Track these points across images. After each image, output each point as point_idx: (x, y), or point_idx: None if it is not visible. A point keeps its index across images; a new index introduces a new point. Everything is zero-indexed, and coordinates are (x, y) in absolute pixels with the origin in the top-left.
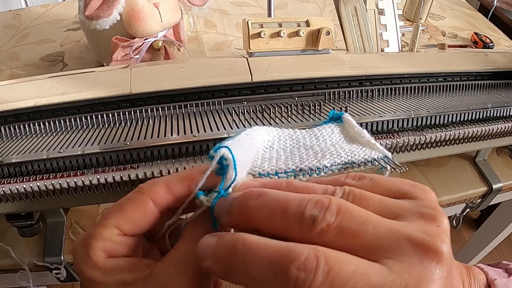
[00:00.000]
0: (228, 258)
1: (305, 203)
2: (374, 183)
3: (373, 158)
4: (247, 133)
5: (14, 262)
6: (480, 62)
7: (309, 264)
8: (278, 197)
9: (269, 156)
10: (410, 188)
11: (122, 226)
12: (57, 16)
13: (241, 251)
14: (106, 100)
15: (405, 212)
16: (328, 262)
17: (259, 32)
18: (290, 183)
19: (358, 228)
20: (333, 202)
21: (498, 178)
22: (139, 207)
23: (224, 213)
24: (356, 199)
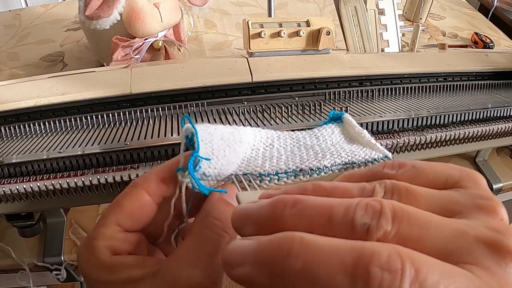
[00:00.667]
0: (279, 263)
1: (353, 209)
2: (418, 172)
3: (374, 158)
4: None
5: (14, 262)
6: (480, 62)
7: (394, 264)
8: (318, 203)
9: (270, 154)
10: (460, 174)
11: (123, 222)
12: (57, 16)
13: (299, 252)
14: (106, 100)
15: (461, 206)
16: (414, 263)
17: (259, 32)
18: (317, 185)
19: (419, 234)
20: (385, 206)
21: (498, 178)
22: (135, 200)
23: (248, 223)
24: (403, 197)
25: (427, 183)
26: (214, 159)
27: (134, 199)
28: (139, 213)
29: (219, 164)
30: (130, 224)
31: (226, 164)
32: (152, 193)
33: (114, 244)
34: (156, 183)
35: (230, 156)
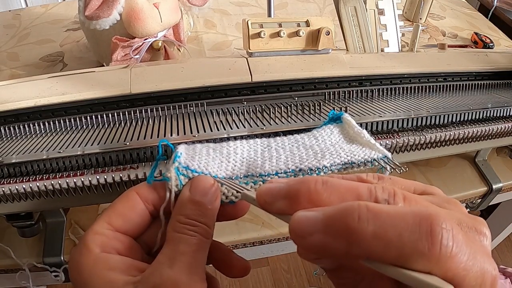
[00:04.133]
0: (351, 228)
1: (374, 189)
2: (394, 183)
3: (373, 158)
4: None
5: (14, 262)
6: (480, 62)
7: (448, 224)
8: (345, 183)
9: (269, 155)
10: (425, 187)
11: (113, 220)
12: (57, 16)
13: (368, 217)
14: (106, 100)
15: (437, 203)
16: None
17: (259, 32)
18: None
19: None
20: (397, 190)
21: (498, 178)
22: (126, 200)
23: (280, 197)
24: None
25: None
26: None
27: (125, 199)
28: (129, 213)
29: (203, 161)
30: (120, 223)
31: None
32: (144, 197)
33: (102, 239)
34: (148, 189)
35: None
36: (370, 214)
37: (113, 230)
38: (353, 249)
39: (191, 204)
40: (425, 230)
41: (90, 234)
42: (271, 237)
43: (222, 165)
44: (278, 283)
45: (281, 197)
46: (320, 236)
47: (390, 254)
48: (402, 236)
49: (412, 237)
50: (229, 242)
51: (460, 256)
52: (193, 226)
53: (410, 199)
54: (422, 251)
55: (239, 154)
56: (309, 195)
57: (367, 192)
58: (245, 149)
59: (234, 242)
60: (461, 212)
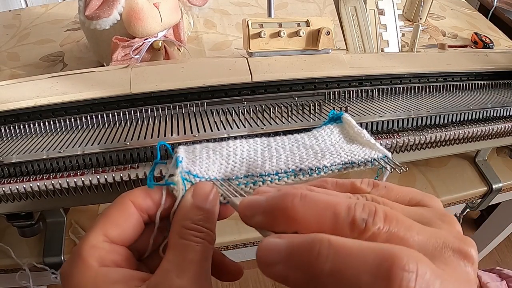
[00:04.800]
0: (310, 263)
1: (354, 207)
2: (388, 191)
3: (373, 158)
4: None
5: (14, 262)
6: (480, 62)
7: (413, 266)
8: (325, 198)
9: (269, 155)
10: (422, 196)
11: (109, 231)
12: (57, 16)
13: (328, 255)
14: (106, 100)
15: (428, 219)
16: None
17: (259, 32)
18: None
19: (405, 234)
20: (379, 208)
21: (498, 178)
22: (121, 210)
23: (258, 212)
24: None
25: (395, 199)
26: (198, 160)
27: (120, 208)
28: (124, 223)
29: (204, 165)
30: (116, 234)
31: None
32: (138, 205)
33: (100, 253)
34: (143, 197)
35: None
36: (331, 250)
37: (109, 242)
38: (310, 284)
39: (196, 210)
40: (384, 273)
41: (87, 247)
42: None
43: (222, 167)
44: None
45: (259, 212)
46: (282, 267)
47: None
48: (360, 277)
49: (370, 280)
50: (229, 242)
51: None
52: (199, 232)
53: (392, 219)
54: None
55: (238, 154)
56: (285, 212)
57: (346, 210)
58: (245, 149)
59: (234, 242)
60: (450, 232)
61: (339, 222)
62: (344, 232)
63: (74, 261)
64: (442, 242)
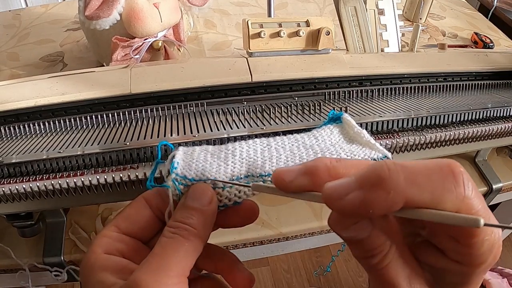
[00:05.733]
0: (385, 180)
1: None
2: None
3: (373, 158)
4: None
5: (14, 262)
6: (480, 62)
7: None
8: (357, 160)
9: (269, 155)
10: None
11: (119, 223)
12: (57, 16)
13: (397, 169)
14: (106, 100)
15: None
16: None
17: (259, 32)
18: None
19: None
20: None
21: (498, 178)
22: (133, 204)
23: (300, 174)
24: None
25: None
26: (194, 164)
27: (133, 204)
28: (134, 215)
29: (200, 168)
30: (126, 225)
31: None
32: (149, 201)
33: (106, 241)
34: (153, 194)
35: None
36: (398, 166)
37: (118, 232)
38: (390, 197)
39: (181, 209)
40: (448, 173)
41: (98, 237)
42: (271, 237)
43: (220, 169)
44: (278, 283)
45: (300, 174)
46: (357, 193)
47: (424, 196)
48: (431, 179)
49: (440, 179)
50: (229, 242)
51: (477, 198)
52: (174, 228)
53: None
54: (451, 189)
55: (237, 155)
56: (327, 170)
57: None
58: (244, 149)
59: (234, 242)
60: None
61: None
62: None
63: (86, 253)
64: None
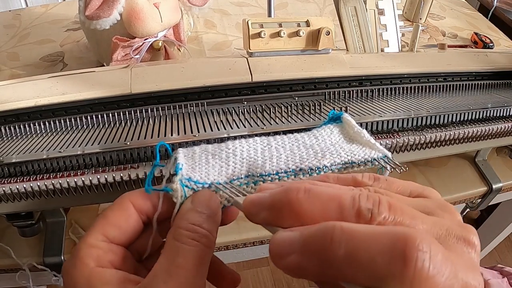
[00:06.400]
0: (325, 249)
1: (358, 197)
2: (389, 184)
3: (373, 157)
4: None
5: (14, 262)
6: (480, 62)
7: (425, 245)
8: (329, 191)
9: (269, 154)
10: (422, 189)
11: (107, 231)
12: (57, 16)
13: (340, 240)
14: (106, 100)
15: (430, 209)
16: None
17: (259, 32)
18: (313, 183)
19: (410, 223)
20: (383, 198)
21: (498, 178)
22: (120, 211)
23: (263, 208)
24: None
25: (397, 192)
26: (198, 167)
27: (119, 208)
28: (124, 224)
29: (204, 170)
30: (115, 234)
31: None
32: (138, 207)
33: (97, 253)
34: (143, 199)
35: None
36: (343, 236)
37: (107, 242)
38: (326, 270)
39: (194, 212)
40: (399, 253)
41: (85, 247)
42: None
43: (222, 170)
44: (278, 283)
45: (264, 208)
46: (296, 257)
47: (361, 276)
48: (375, 259)
49: (385, 260)
50: (229, 242)
51: (437, 277)
52: (194, 233)
53: (396, 209)
54: (395, 274)
55: (238, 155)
56: (290, 206)
57: (350, 201)
58: (245, 149)
59: (234, 242)
60: (452, 220)
61: (344, 213)
62: None
63: (72, 259)
64: (445, 230)
